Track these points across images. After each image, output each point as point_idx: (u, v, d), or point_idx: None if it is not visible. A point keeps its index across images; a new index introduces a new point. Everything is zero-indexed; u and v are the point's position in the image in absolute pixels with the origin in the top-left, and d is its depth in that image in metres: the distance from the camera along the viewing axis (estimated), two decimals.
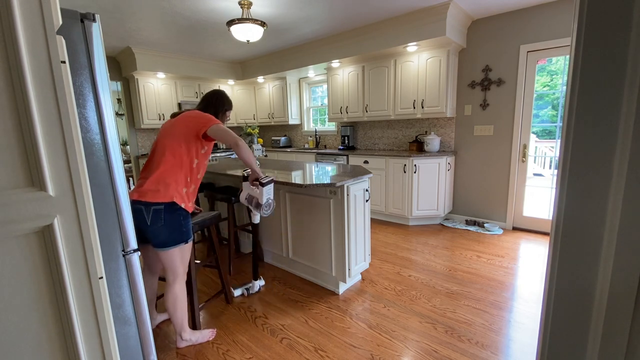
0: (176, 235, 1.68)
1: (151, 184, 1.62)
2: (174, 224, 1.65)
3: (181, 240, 1.70)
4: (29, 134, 0.74)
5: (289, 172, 2.70)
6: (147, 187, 1.62)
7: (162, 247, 1.67)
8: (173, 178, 1.66)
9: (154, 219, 1.60)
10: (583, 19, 0.66)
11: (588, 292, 0.73)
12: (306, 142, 5.95)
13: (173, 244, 1.68)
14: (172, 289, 1.75)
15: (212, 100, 1.95)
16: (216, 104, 1.96)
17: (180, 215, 1.68)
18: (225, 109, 2.00)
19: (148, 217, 1.60)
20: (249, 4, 3.06)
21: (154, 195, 1.60)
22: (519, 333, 1.91)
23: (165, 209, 1.62)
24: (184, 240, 1.72)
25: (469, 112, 3.85)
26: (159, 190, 1.61)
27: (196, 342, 1.91)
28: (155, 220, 1.61)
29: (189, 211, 1.74)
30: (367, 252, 2.59)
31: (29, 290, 0.77)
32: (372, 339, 1.90)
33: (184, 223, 1.70)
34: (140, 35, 3.98)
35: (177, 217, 1.66)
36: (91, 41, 1.13)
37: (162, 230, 1.63)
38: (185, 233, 1.72)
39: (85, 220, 0.83)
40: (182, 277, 1.78)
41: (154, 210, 1.60)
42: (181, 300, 1.79)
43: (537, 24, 3.27)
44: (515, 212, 3.74)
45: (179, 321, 1.82)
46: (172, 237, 1.67)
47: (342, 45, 4.25)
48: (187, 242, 1.74)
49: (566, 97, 0.73)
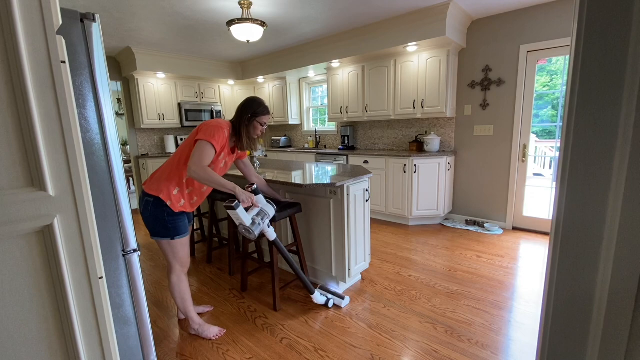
0: (160, 229, 1.77)
1: (151, 178, 1.80)
2: (158, 218, 1.75)
3: (166, 235, 1.78)
4: (28, 134, 0.74)
5: (289, 172, 2.70)
6: (149, 179, 1.81)
7: (151, 235, 1.81)
8: (166, 177, 1.77)
9: (144, 208, 1.77)
10: (583, 19, 0.66)
11: (588, 292, 0.73)
12: (306, 142, 5.94)
13: (158, 236, 1.79)
14: (169, 278, 1.91)
15: (240, 107, 1.91)
16: (240, 111, 1.89)
17: (165, 212, 1.75)
18: (249, 115, 1.87)
19: (141, 204, 1.78)
20: (249, 4, 3.06)
21: (149, 187, 1.77)
22: (519, 333, 1.91)
23: (153, 202, 1.74)
24: (170, 236, 1.79)
25: (469, 112, 3.85)
26: (153, 185, 1.76)
27: (201, 335, 1.97)
28: (144, 209, 1.76)
29: (176, 211, 1.77)
30: (367, 252, 2.59)
31: (29, 290, 0.77)
32: (372, 339, 1.90)
33: (168, 220, 1.76)
34: (140, 35, 3.98)
35: (161, 212, 1.74)
36: (91, 41, 1.13)
37: (149, 220, 1.77)
38: (172, 230, 1.78)
39: (85, 220, 0.83)
40: (177, 269, 1.88)
41: (146, 200, 1.76)
42: (178, 290, 1.91)
43: (537, 24, 3.27)
44: (515, 212, 3.73)
45: (181, 308, 1.95)
46: (156, 229, 1.77)
47: (342, 45, 4.25)
48: (174, 239, 1.80)
49: (566, 97, 0.73)
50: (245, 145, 1.93)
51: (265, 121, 1.93)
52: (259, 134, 1.94)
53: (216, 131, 1.73)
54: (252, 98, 1.92)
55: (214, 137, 1.71)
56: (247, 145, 1.94)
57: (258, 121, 1.89)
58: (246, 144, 1.93)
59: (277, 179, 2.35)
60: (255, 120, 1.89)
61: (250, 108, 1.88)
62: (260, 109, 1.90)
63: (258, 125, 1.91)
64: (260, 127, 1.92)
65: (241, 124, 1.88)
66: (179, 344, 1.92)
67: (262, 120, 1.91)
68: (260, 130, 1.93)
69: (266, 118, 1.93)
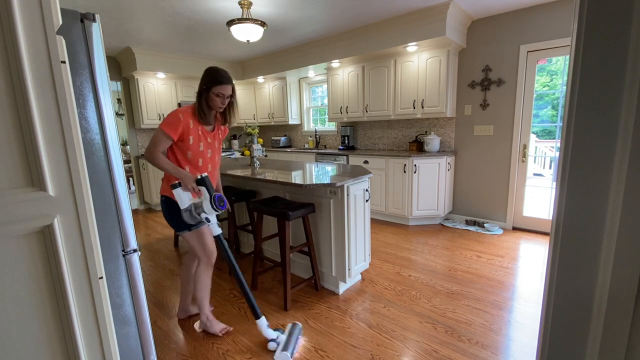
0: (177, 223, 1.88)
1: (162, 179, 1.92)
2: (172, 213, 1.87)
3: (183, 227, 1.88)
4: (28, 134, 0.74)
5: (289, 172, 2.70)
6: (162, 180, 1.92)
7: (175, 230, 1.92)
8: (166, 176, 1.88)
9: (161, 207, 1.92)
10: (583, 19, 0.66)
11: (588, 292, 0.73)
12: (306, 142, 5.94)
13: (179, 230, 1.90)
14: (196, 269, 1.99)
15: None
16: (200, 87, 1.79)
17: (176, 207, 1.82)
18: (203, 87, 1.76)
19: (160, 204, 1.92)
20: (249, 4, 3.06)
21: (161, 188, 1.91)
22: (519, 333, 1.91)
23: (165, 200, 1.88)
24: (187, 228, 1.88)
25: (469, 112, 3.85)
26: (162, 185, 1.90)
27: (208, 329, 2.00)
28: (162, 209, 1.91)
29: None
30: (367, 252, 2.59)
31: (29, 290, 0.77)
32: (372, 339, 1.90)
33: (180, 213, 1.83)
34: (140, 35, 3.98)
35: (173, 208, 1.85)
36: (91, 41, 1.13)
37: (167, 217, 1.90)
38: (186, 222, 1.82)
39: (85, 220, 0.83)
40: (202, 260, 1.94)
41: (161, 200, 1.91)
42: (200, 280, 1.96)
43: (537, 24, 3.27)
44: (515, 212, 3.73)
45: (199, 300, 1.99)
46: (174, 224, 1.89)
47: (342, 45, 4.25)
48: (191, 230, 1.89)
49: (566, 97, 0.73)
50: (205, 118, 1.81)
51: (222, 92, 1.74)
52: (220, 106, 1.79)
53: (169, 117, 1.72)
54: (208, 68, 1.78)
55: (165, 123, 1.71)
56: (205, 118, 1.81)
57: (213, 92, 1.74)
58: (205, 117, 1.81)
59: (277, 179, 2.35)
60: (210, 92, 1.75)
61: (203, 80, 1.76)
62: (211, 78, 1.74)
63: (213, 96, 1.75)
64: (217, 98, 1.76)
65: (200, 97, 1.78)
66: (179, 344, 1.92)
67: (216, 91, 1.74)
68: (221, 102, 1.78)
69: (221, 88, 1.74)
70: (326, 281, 2.52)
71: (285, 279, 2.20)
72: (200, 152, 1.86)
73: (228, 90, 1.77)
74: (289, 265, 2.20)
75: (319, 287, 2.48)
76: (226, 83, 1.75)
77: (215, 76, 1.74)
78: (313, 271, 2.41)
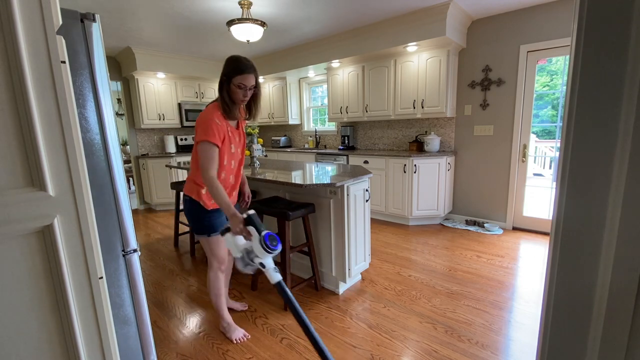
0: (198, 226, 1.81)
1: (187, 179, 1.84)
2: (194, 215, 1.81)
3: (203, 232, 1.81)
4: (28, 134, 0.74)
5: (289, 172, 2.70)
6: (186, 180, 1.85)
7: (193, 231, 1.86)
8: (192, 178, 1.80)
9: (183, 206, 1.84)
10: (583, 19, 0.66)
11: (588, 292, 0.73)
12: (306, 142, 5.94)
13: (197, 233, 1.83)
14: (208, 274, 1.94)
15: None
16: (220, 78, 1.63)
17: (199, 211, 1.78)
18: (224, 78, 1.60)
19: (183, 202, 1.84)
20: (249, 4, 3.06)
21: (185, 187, 1.83)
22: (519, 333, 1.91)
23: (189, 200, 1.80)
24: (206, 233, 1.81)
25: (469, 112, 3.85)
26: (187, 185, 1.82)
27: (227, 334, 1.97)
28: (184, 207, 1.84)
29: (208, 208, 1.79)
30: (367, 252, 2.59)
31: (29, 290, 0.77)
32: (372, 339, 1.90)
33: (203, 217, 1.79)
34: (140, 35, 3.98)
35: (196, 210, 1.79)
36: (91, 41, 1.13)
37: (188, 217, 1.84)
38: (207, 227, 1.80)
39: (85, 220, 0.83)
40: (214, 266, 1.89)
41: (184, 200, 1.84)
42: (213, 286, 1.92)
43: (537, 24, 3.27)
44: (515, 212, 3.73)
45: (215, 305, 1.96)
46: (195, 226, 1.82)
47: (342, 45, 4.25)
48: (210, 236, 1.82)
49: (566, 97, 0.73)
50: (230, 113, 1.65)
51: (243, 82, 1.58)
52: (242, 98, 1.64)
53: (207, 126, 1.57)
54: (228, 57, 1.62)
55: (207, 133, 1.57)
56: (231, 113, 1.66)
57: (234, 83, 1.59)
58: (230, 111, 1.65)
59: (277, 179, 2.35)
60: (231, 84, 1.60)
61: (223, 70, 1.61)
62: (231, 68, 1.58)
63: (234, 87, 1.60)
64: (239, 89, 1.60)
65: (221, 89, 1.62)
66: (179, 344, 1.92)
67: (237, 82, 1.58)
68: (243, 94, 1.62)
69: (242, 78, 1.57)
70: (326, 281, 2.52)
71: (285, 279, 2.20)
72: (232, 154, 1.73)
73: (251, 80, 1.61)
74: (289, 265, 2.20)
75: (319, 287, 2.49)
76: (248, 72, 1.59)
77: (236, 65, 1.58)
78: (313, 271, 2.42)
